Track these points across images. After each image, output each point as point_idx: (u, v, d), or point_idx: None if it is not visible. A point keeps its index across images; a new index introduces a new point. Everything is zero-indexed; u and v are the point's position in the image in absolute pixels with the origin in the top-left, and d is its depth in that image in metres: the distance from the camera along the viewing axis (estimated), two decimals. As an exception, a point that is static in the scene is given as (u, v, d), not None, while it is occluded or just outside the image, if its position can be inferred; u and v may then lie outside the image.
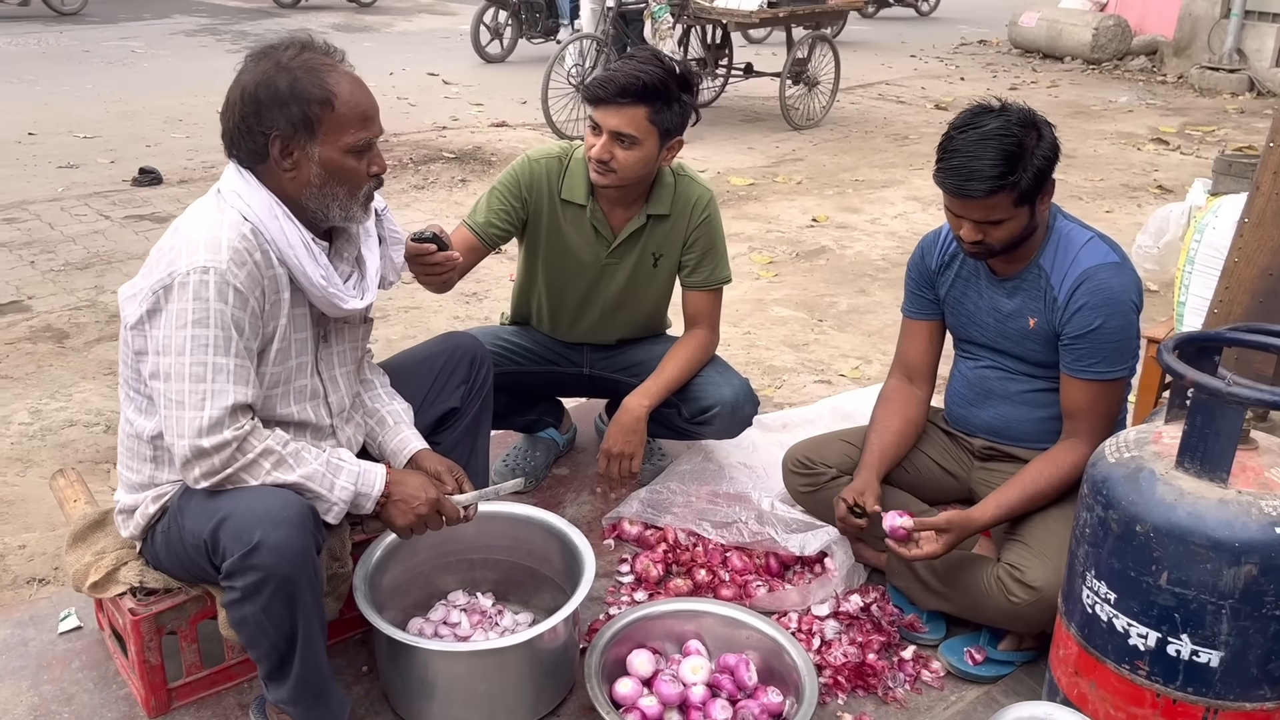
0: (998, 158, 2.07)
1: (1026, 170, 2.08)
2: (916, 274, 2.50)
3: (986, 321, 2.38)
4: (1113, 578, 1.78)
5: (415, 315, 4.61)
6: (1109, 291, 2.18)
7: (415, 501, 1.99)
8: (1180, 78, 11.12)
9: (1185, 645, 1.72)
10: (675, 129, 2.48)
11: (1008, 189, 2.09)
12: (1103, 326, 2.18)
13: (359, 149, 1.89)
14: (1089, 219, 6.41)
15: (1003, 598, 2.19)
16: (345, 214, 1.93)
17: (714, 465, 2.84)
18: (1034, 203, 2.15)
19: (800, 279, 5.24)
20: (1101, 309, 2.18)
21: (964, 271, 2.40)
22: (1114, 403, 2.26)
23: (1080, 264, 2.21)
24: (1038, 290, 2.27)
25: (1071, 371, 2.24)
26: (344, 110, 1.85)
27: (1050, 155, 2.13)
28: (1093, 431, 2.25)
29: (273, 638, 1.83)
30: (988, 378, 2.42)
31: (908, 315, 2.54)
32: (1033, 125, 2.12)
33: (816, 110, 8.71)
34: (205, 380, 1.78)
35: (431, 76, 10.00)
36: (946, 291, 2.45)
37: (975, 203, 2.12)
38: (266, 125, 1.84)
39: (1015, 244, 2.21)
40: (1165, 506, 1.70)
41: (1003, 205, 2.11)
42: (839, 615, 2.41)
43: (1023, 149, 2.08)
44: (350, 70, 1.90)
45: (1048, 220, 2.27)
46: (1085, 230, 2.28)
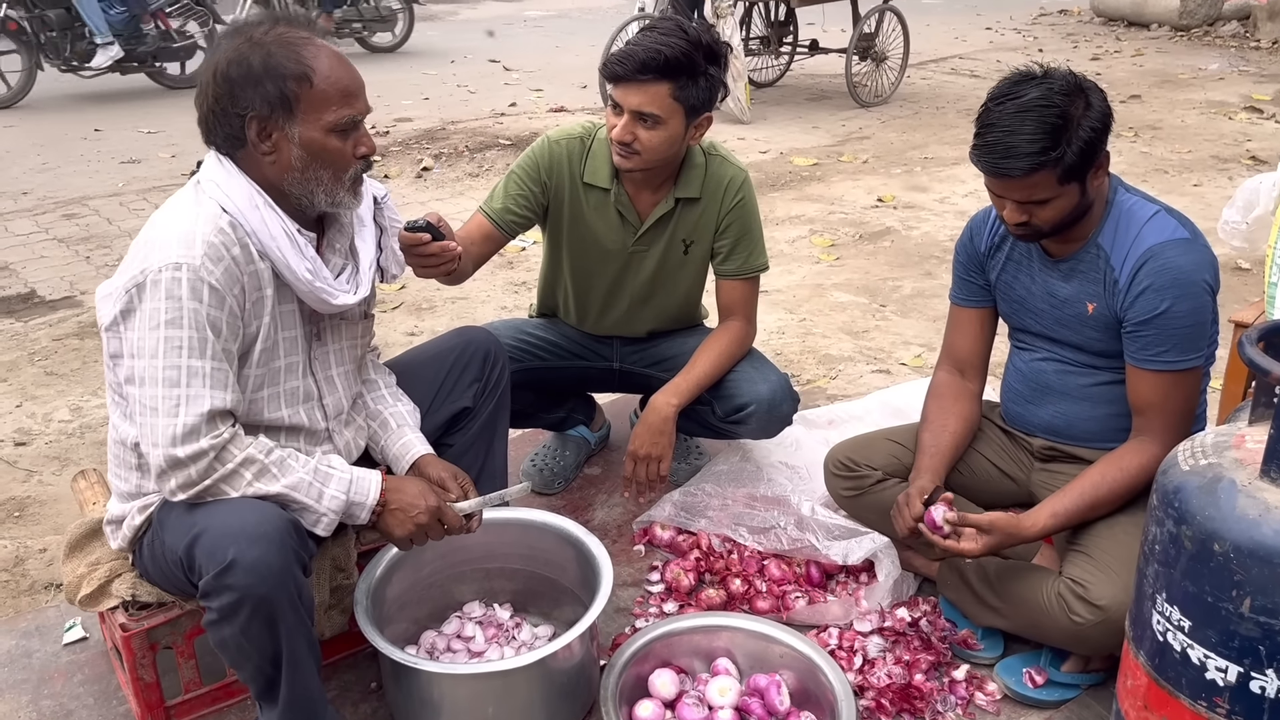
0: (1037, 131, 1.87)
1: (1071, 144, 1.87)
2: (965, 257, 2.29)
3: (1041, 308, 2.16)
4: (1186, 602, 1.56)
5: (463, 305, 4.51)
6: (1176, 271, 1.94)
7: (414, 510, 1.86)
8: (1275, 42, 10.52)
9: (1271, 682, 1.49)
10: (702, 105, 2.29)
11: (1050, 165, 1.87)
12: (1170, 310, 1.95)
13: (342, 127, 1.75)
14: (1175, 193, 6.07)
15: (1064, 616, 1.98)
16: (331, 200, 1.80)
17: (752, 466, 2.65)
18: (1084, 178, 1.92)
19: (863, 262, 5.00)
20: (1168, 290, 1.94)
21: (1015, 254, 2.18)
22: (1188, 396, 2.03)
23: (1144, 241, 1.98)
24: (1096, 272, 2.05)
25: (1137, 362, 2.01)
26: (323, 86, 1.72)
27: (1100, 125, 1.90)
28: (1165, 429, 2.01)
29: (256, 660, 1.71)
30: (1045, 371, 2.20)
31: (956, 302, 2.33)
32: (1079, 92, 1.90)
33: (885, 86, 8.40)
34: (179, 385, 1.66)
35: (493, 63, 9.92)
36: (997, 276, 2.23)
37: (1015, 182, 1.91)
38: (241, 106, 1.71)
39: (1066, 224, 1.99)
40: (1248, 523, 1.47)
41: (1046, 183, 1.90)
42: (884, 631, 2.22)
43: (1067, 120, 1.87)
44: (330, 45, 1.77)
45: (1106, 195, 2.05)
46: (1150, 204, 2.04)
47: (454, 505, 1.93)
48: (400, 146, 6.80)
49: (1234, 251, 4.33)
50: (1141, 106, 8.03)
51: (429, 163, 6.55)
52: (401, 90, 8.43)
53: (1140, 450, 2.04)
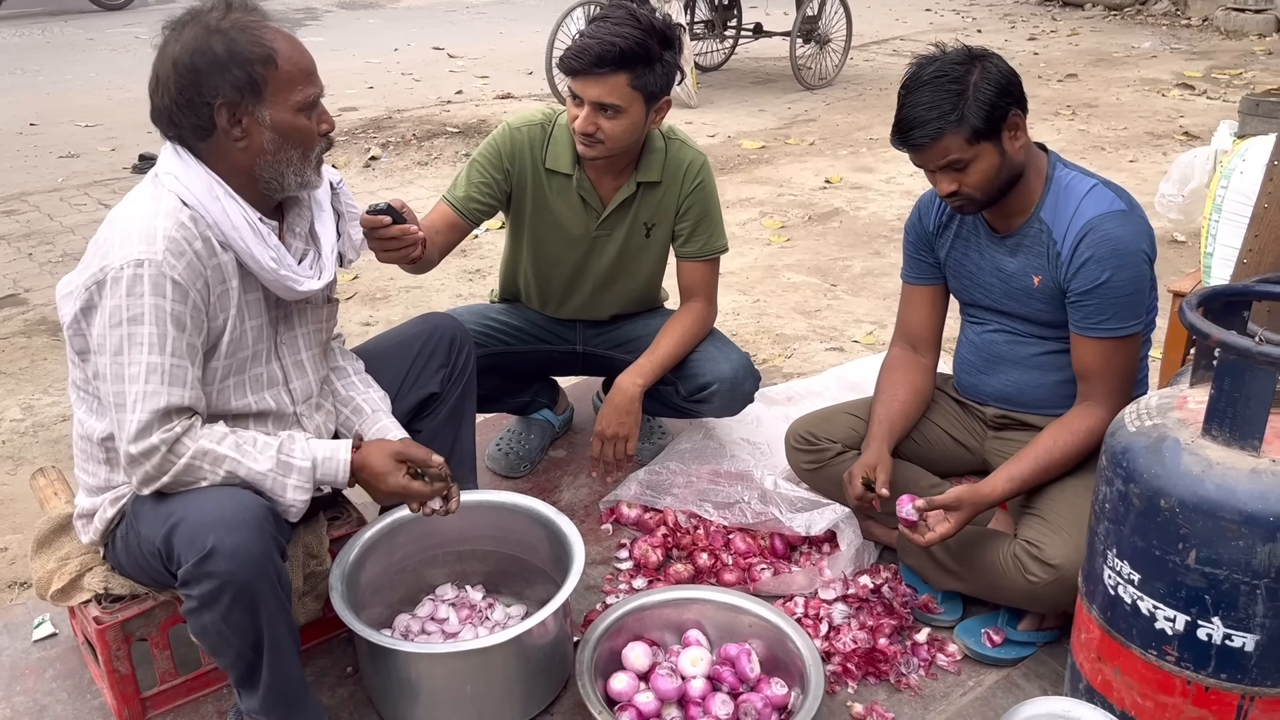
0: (935, 98, 1.99)
1: (970, 104, 1.98)
2: (914, 236, 2.36)
3: (990, 282, 2.24)
4: (1136, 557, 1.64)
5: (418, 294, 4.50)
6: (1115, 242, 2.03)
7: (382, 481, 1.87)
8: (1205, 20, 10.77)
9: (1217, 629, 1.58)
10: (660, 90, 2.32)
11: (953, 127, 1.98)
12: (1111, 280, 2.03)
13: (308, 105, 1.77)
14: (1112, 169, 6.23)
15: (1020, 576, 2.05)
16: (300, 179, 1.81)
17: (715, 443, 2.70)
18: (998, 138, 2.02)
19: (813, 243, 5.08)
20: (1109, 261, 2.02)
21: (963, 231, 2.26)
22: (1129, 361, 2.11)
23: (1084, 214, 2.06)
24: (1040, 246, 2.12)
25: (1081, 330, 2.09)
26: (288, 67, 1.73)
27: (999, 85, 2.00)
28: (1109, 393, 2.10)
29: (236, 646, 1.72)
30: (996, 342, 2.27)
31: (907, 281, 2.40)
32: (972, 59, 2.02)
33: (829, 69, 8.49)
34: (139, 381, 1.67)
35: (437, 50, 9.84)
36: (946, 254, 2.30)
37: (928, 150, 2.02)
38: (209, 95, 1.70)
39: (999, 189, 2.08)
40: (1192, 479, 1.55)
41: (957, 145, 2.00)
42: (848, 598, 2.29)
43: (963, 84, 1.98)
44: (280, 27, 1.78)
45: (1045, 169, 2.13)
46: (1088, 178, 2.12)
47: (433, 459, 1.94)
48: (347, 136, 6.73)
49: (1170, 224, 4.47)
50: (1078, 85, 8.20)
51: (377, 152, 6.50)
52: (345, 79, 8.35)
53: (1087, 414, 2.11)
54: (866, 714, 2.04)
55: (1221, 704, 1.61)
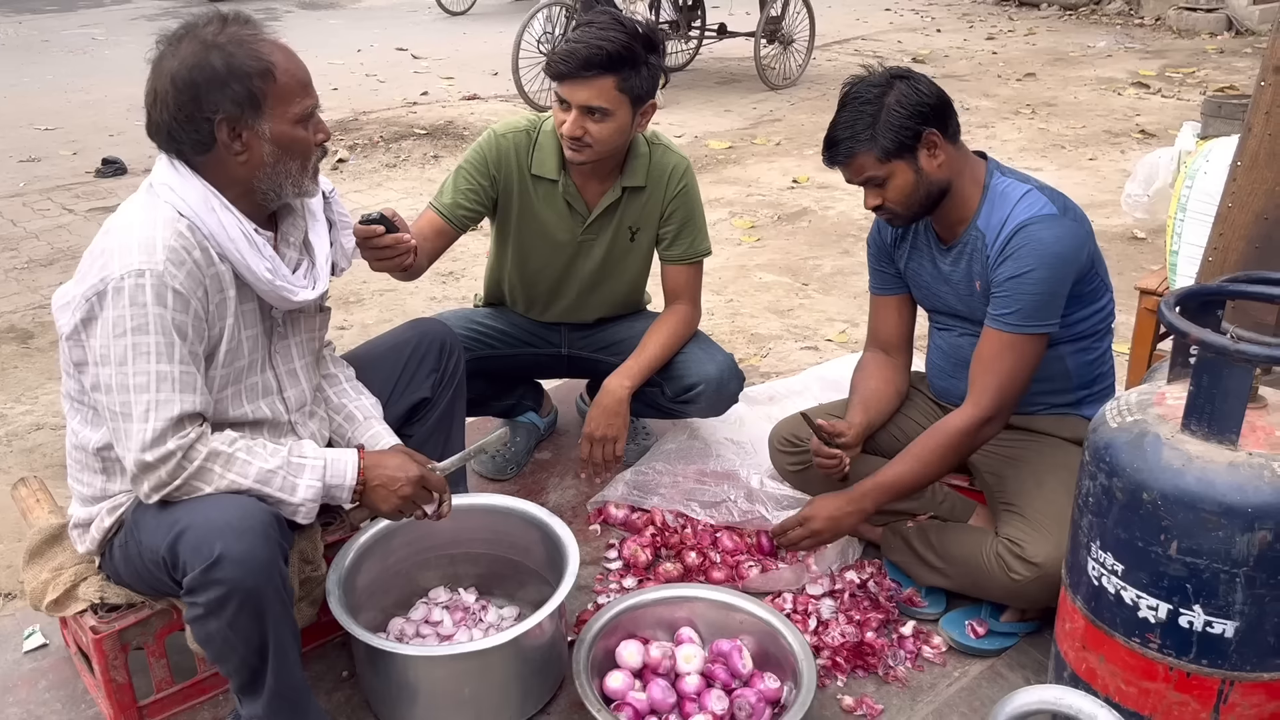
0: (850, 120, 2.11)
1: (882, 125, 2.08)
2: (875, 249, 2.44)
3: (943, 290, 2.32)
4: (1119, 548, 1.70)
5: (391, 298, 4.50)
6: (1037, 243, 2.09)
7: (396, 484, 1.89)
8: (1158, 20, 10.97)
9: (1198, 616, 1.64)
10: (646, 94, 2.36)
11: (865, 147, 2.10)
12: (1025, 275, 2.09)
13: (306, 117, 1.79)
14: (1073, 166, 6.34)
15: (1003, 575, 2.11)
16: (298, 189, 1.83)
17: (700, 443, 2.74)
18: (912, 157, 2.10)
19: (783, 242, 5.14)
20: (1027, 259, 2.09)
21: (917, 242, 2.34)
22: (1018, 362, 2.14)
23: (1014, 219, 2.13)
24: (978, 252, 2.20)
25: (987, 321, 2.17)
26: (285, 80, 1.75)
27: (912, 106, 2.08)
28: (984, 390, 2.16)
29: (241, 653, 1.73)
30: (962, 346, 2.34)
31: (874, 292, 2.49)
32: (891, 81, 2.11)
33: (793, 69, 8.56)
34: (149, 390, 1.68)
35: (400, 51, 9.80)
36: (905, 264, 2.38)
37: (845, 167, 2.15)
38: (209, 110, 1.72)
39: (921, 204, 2.16)
40: (1173, 472, 1.61)
41: (870, 163, 2.12)
42: (835, 593, 2.33)
43: (877, 105, 2.08)
44: (275, 38, 1.79)
45: (983, 178, 2.20)
46: (1022, 184, 2.19)
47: (435, 466, 1.97)
48: (313, 138, 6.69)
49: (1135, 222, 4.57)
50: (1037, 84, 8.33)
51: (344, 154, 6.48)
52: (308, 81, 8.28)
53: (959, 413, 2.19)
54: (856, 706, 2.09)
55: (1203, 688, 1.68)
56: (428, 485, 1.94)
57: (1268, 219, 2.39)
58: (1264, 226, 2.41)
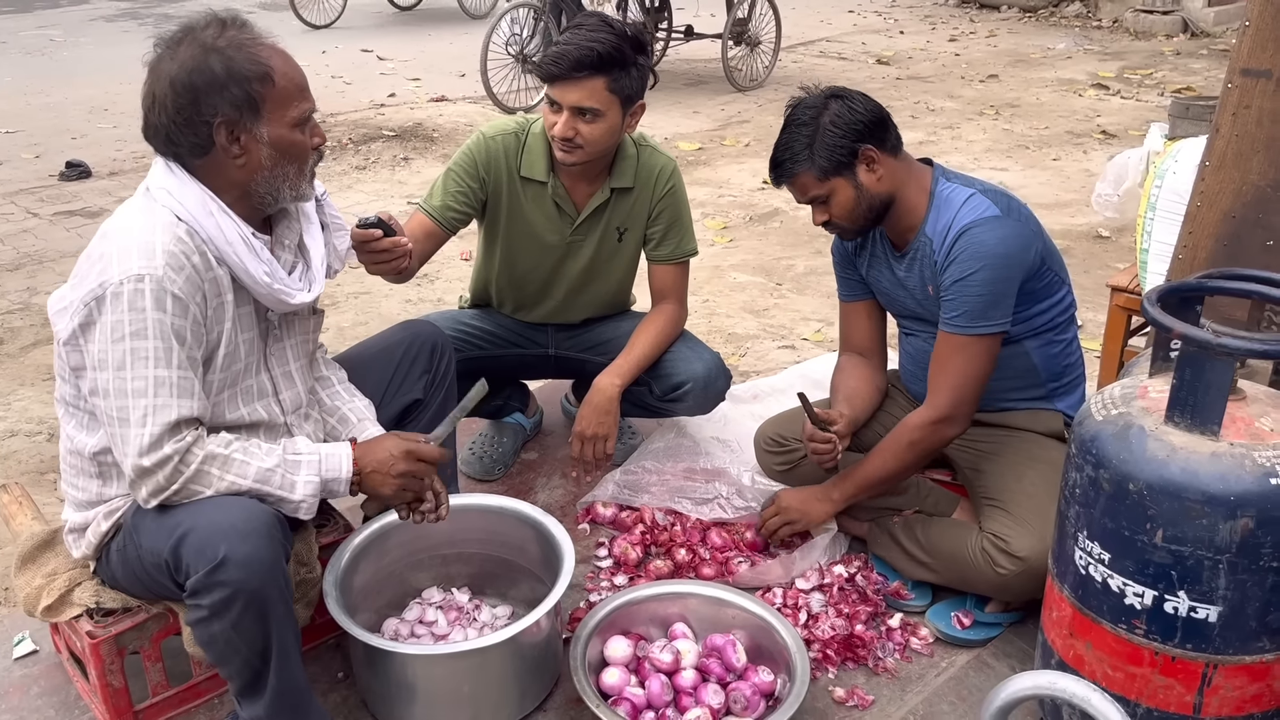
0: (788, 143, 2.19)
1: (818, 145, 2.14)
2: (839, 257, 2.50)
3: (901, 295, 2.37)
4: (1106, 538, 1.75)
5: (366, 301, 4.49)
6: (980, 245, 2.14)
7: (389, 463, 1.89)
8: (1115, 22, 11.16)
9: (1183, 602, 1.69)
10: (635, 94, 2.39)
11: (803, 167, 2.17)
12: (969, 278, 2.15)
13: (303, 121, 1.79)
14: (1038, 166, 6.43)
15: (989, 569, 2.16)
16: (295, 192, 1.84)
17: (688, 441, 2.78)
18: (850, 173, 2.16)
19: (755, 243, 5.18)
20: (970, 261, 2.14)
21: (875, 250, 2.40)
22: (969, 362, 2.19)
23: (958, 223, 2.18)
24: (927, 258, 2.25)
25: (940, 324, 2.23)
26: (283, 83, 1.76)
27: (847, 125, 2.14)
28: (937, 390, 2.22)
29: (244, 654, 1.74)
30: (927, 350, 2.37)
31: (842, 299, 2.54)
32: (825, 101, 2.18)
33: (760, 70, 8.63)
34: (147, 395, 1.68)
35: (366, 53, 9.75)
36: (866, 271, 2.44)
37: (789, 186, 2.22)
38: (208, 113, 1.72)
39: (865, 217, 2.22)
40: (1158, 463, 1.66)
41: (810, 183, 2.19)
42: (824, 588, 2.37)
43: (813, 126, 2.15)
44: (274, 42, 1.80)
45: (929, 185, 2.25)
46: (966, 188, 2.23)
47: (425, 437, 1.97)
48: (281, 141, 6.65)
49: (1104, 220, 4.67)
50: (1000, 85, 8.46)
51: (313, 156, 6.44)
52: (274, 83, 8.22)
53: (919, 414, 2.27)
54: (848, 697, 2.13)
55: (1187, 672, 1.73)
56: (421, 457, 1.93)
57: (1235, 217, 2.46)
58: (1231, 225, 2.48)
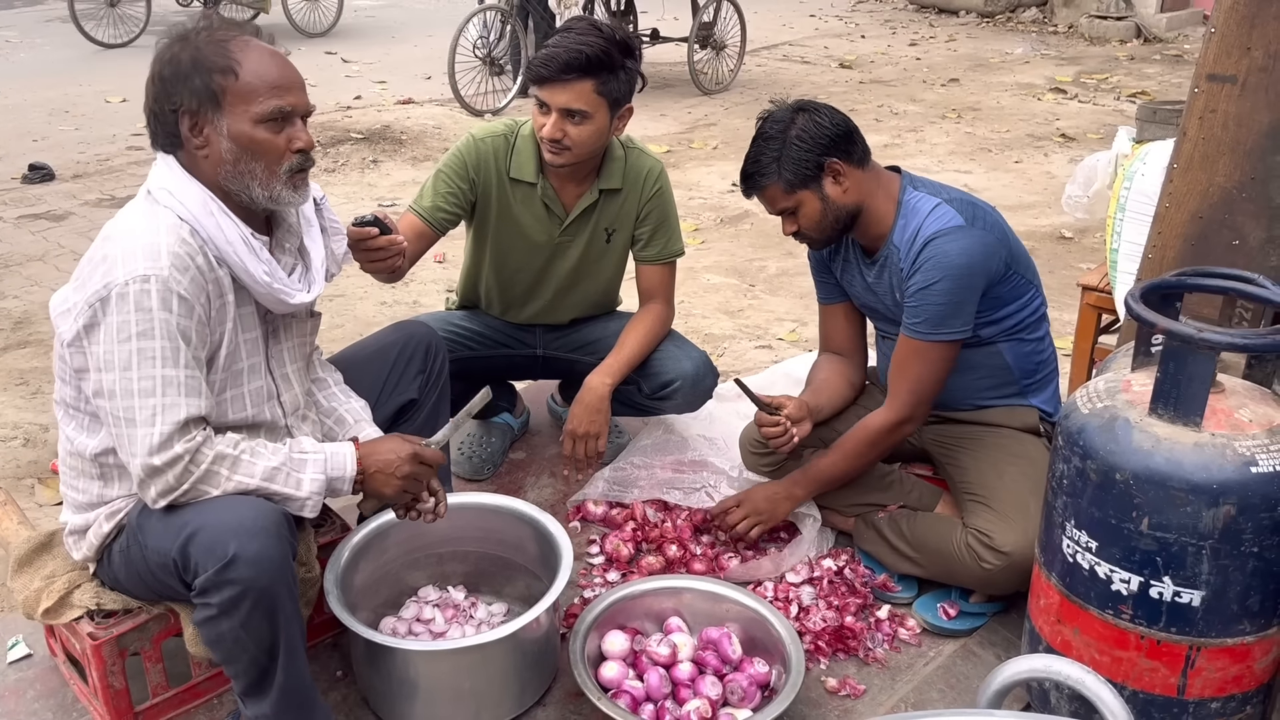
0: (756, 157, 2.24)
1: (784, 160, 2.19)
2: (815, 261, 2.55)
3: (872, 300, 2.44)
4: (1093, 526, 1.81)
5: (341, 303, 4.48)
6: (942, 256, 2.20)
7: (394, 464, 1.91)
8: (1071, 27, 11.38)
9: (1168, 587, 1.76)
10: (624, 97, 2.43)
11: (772, 180, 2.22)
12: (931, 287, 2.21)
13: (269, 118, 1.77)
14: (1000, 169, 6.53)
15: (974, 564, 2.22)
16: (267, 193, 1.81)
17: (676, 438, 2.81)
18: (817, 185, 2.21)
19: (727, 244, 5.24)
20: (933, 272, 2.21)
21: (848, 255, 2.45)
22: (927, 367, 2.27)
23: (923, 233, 2.24)
24: (894, 265, 2.31)
25: (902, 329, 2.30)
26: (249, 79, 1.76)
27: (812, 139, 2.19)
28: (897, 393, 2.30)
29: (252, 652, 1.75)
30: None
31: (820, 301, 2.60)
32: (793, 116, 2.22)
33: (725, 74, 8.70)
34: (155, 395, 1.69)
35: (329, 55, 9.70)
36: (840, 276, 2.50)
37: (759, 198, 2.27)
38: (174, 102, 1.75)
39: (833, 228, 2.28)
40: (1143, 454, 1.73)
41: (779, 195, 2.24)
42: (813, 581, 2.42)
43: (780, 140, 2.20)
44: (263, 44, 1.81)
45: (897, 194, 2.30)
46: (933, 198, 2.29)
47: (427, 441, 1.99)
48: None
49: (1075, 223, 4.77)
50: (960, 89, 8.60)
51: (281, 159, 6.40)
52: (238, 85, 8.15)
53: (879, 414, 2.34)
54: (840, 687, 2.18)
55: (1171, 655, 1.80)
56: (424, 460, 1.95)
57: (1202, 218, 2.54)
58: (1199, 225, 2.56)
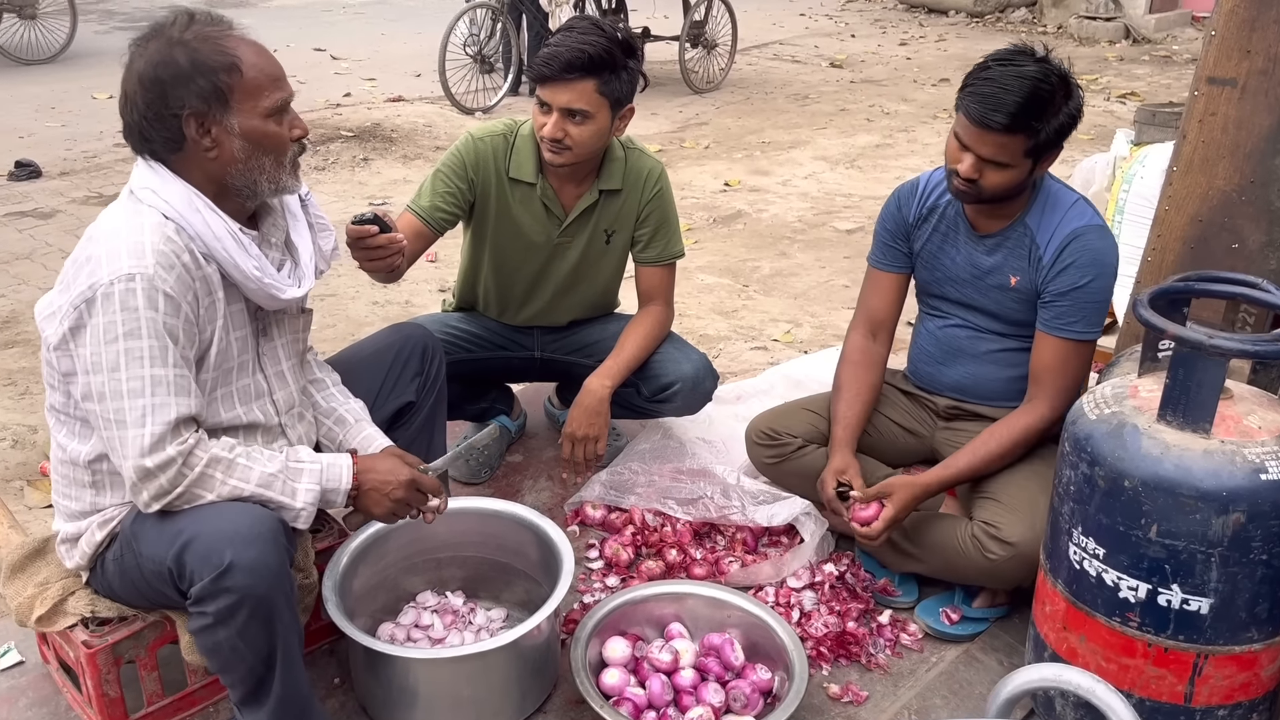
0: (1028, 99, 2.05)
1: (1049, 122, 2.09)
2: (892, 225, 2.46)
3: (963, 278, 2.38)
4: (1101, 533, 1.80)
5: (333, 303, 4.45)
6: (1096, 253, 2.20)
7: (388, 486, 1.89)
8: (1060, 28, 11.40)
9: (1175, 595, 1.75)
10: (625, 97, 2.41)
11: (1026, 133, 2.08)
12: (1088, 285, 2.20)
13: (277, 111, 1.77)
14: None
15: (979, 555, 2.20)
16: (275, 185, 1.81)
17: (674, 442, 2.79)
18: (1040, 159, 2.15)
19: (720, 245, 5.22)
20: (1089, 268, 2.20)
21: (942, 226, 2.39)
22: (1081, 365, 2.28)
23: (1069, 224, 2.23)
24: (1022, 249, 2.28)
25: (1049, 329, 2.25)
26: (253, 73, 1.74)
27: (1074, 117, 2.14)
28: (1055, 394, 2.26)
29: (249, 661, 1.72)
30: (957, 336, 2.42)
31: (876, 266, 2.51)
32: (1066, 83, 2.12)
33: (716, 73, 8.68)
34: (144, 395, 1.66)
35: (319, 52, 9.64)
36: (922, 245, 2.43)
37: (990, 136, 2.07)
38: (176, 106, 1.71)
39: (1003, 197, 2.21)
40: (1152, 460, 1.72)
41: (1014, 148, 2.09)
42: (815, 585, 2.40)
43: (1052, 101, 2.09)
44: (245, 35, 1.79)
45: (1036, 180, 2.28)
46: (1071, 192, 2.29)
47: (426, 467, 1.97)
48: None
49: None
50: (951, 89, 8.42)
51: (270, 157, 6.35)
52: (227, 81, 8.09)
53: (1029, 412, 2.28)
54: (842, 694, 2.16)
55: (1179, 663, 1.79)
56: (420, 487, 1.94)
57: (1202, 221, 2.54)
58: (1198, 228, 2.56)
